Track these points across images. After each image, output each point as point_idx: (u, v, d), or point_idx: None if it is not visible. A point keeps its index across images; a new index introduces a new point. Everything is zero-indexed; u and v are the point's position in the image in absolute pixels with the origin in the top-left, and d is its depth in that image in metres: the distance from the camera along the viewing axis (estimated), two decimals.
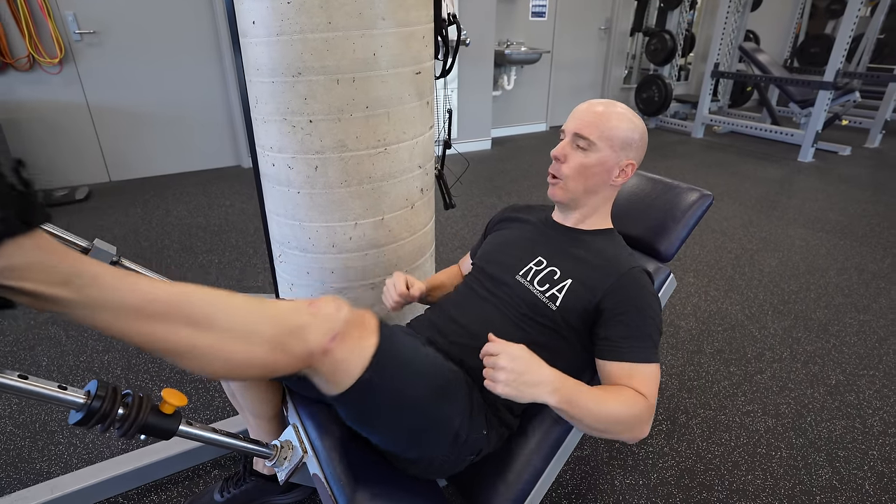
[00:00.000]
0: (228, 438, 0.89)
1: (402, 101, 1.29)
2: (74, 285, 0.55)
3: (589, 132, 0.95)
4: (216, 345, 0.63)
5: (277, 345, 0.66)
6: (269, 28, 1.17)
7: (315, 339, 0.68)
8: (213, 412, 1.51)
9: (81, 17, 3.10)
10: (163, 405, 0.78)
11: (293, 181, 1.32)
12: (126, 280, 0.60)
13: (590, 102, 0.99)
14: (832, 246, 2.64)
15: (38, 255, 0.53)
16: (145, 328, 0.60)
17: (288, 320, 0.68)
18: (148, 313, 0.60)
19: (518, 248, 1.05)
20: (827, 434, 1.44)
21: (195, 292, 0.65)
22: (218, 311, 0.64)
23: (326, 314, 0.70)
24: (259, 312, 0.67)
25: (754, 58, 4.78)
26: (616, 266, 0.94)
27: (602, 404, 0.79)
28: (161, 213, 3.00)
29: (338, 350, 0.70)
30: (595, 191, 0.99)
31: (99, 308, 0.58)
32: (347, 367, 0.72)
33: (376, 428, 0.83)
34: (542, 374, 0.76)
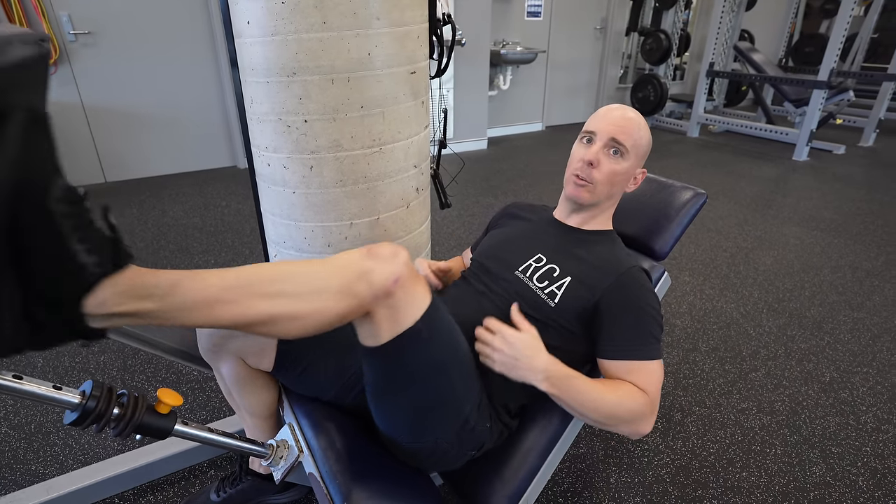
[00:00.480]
0: (224, 438, 0.89)
1: (396, 101, 1.29)
2: (157, 296, 0.60)
3: (625, 140, 0.96)
4: (293, 308, 0.67)
5: (347, 293, 0.68)
6: (263, 28, 1.17)
7: (380, 281, 0.69)
8: (209, 412, 1.51)
9: (76, 18, 3.09)
10: (158, 405, 0.79)
11: (288, 181, 1.32)
12: (197, 279, 0.64)
13: (620, 107, 1.00)
14: (826, 244, 2.66)
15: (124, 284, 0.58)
16: (227, 313, 0.64)
17: (353, 268, 0.70)
18: (225, 300, 0.64)
19: (519, 244, 1.06)
20: (821, 431, 1.44)
21: (260, 269, 0.69)
22: (286, 279, 0.68)
23: (386, 256, 0.72)
24: (323, 269, 0.70)
25: (749, 57, 4.80)
26: (615, 265, 0.94)
27: (596, 396, 0.82)
28: (157, 213, 3.00)
29: (398, 293, 0.71)
30: (613, 196, 1.02)
31: (182, 309, 0.62)
32: (403, 313, 0.73)
33: (399, 393, 0.82)
34: (533, 362, 0.81)
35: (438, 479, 1.13)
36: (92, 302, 0.55)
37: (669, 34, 5.04)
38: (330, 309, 0.68)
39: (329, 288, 0.68)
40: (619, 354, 0.88)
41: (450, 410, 0.84)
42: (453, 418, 0.84)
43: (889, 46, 4.61)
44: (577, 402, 0.82)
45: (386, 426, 0.89)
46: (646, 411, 0.83)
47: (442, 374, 0.81)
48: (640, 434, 0.85)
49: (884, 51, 5.88)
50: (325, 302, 0.68)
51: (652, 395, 0.84)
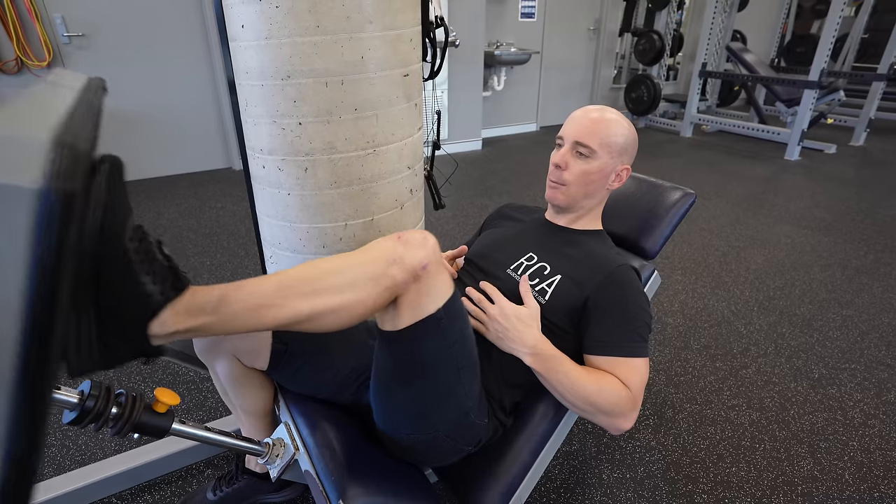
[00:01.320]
0: (221, 436, 0.90)
1: (390, 103, 1.30)
2: (208, 311, 0.65)
3: (590, 140, 0.98)
4: (333, 303, 0.71)
5: (383, 279, 0.72)
6: (257, 32, 1.18)
7: (411, 265, 0.73)
8: (206, 412, 1.52)
9: (70, 20, 3.08)
10: (156, 404, 0.80)
11: (283, 183, 1.34)
12: (242, 289, 0.68)
13: (585, 109, 1.02)
14: (817, 243, 2.69)
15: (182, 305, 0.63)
16: (272, 316, 0.68)
17: (385, 254, 0.73)
18: (269, 304, 0.68)
19: (511, 244, 1.08)
20: (809, 426, 1.47)
21: (298, 271, 0.73)
22: (323, 277, 0.72)
23: (417, 242, 0.75)
24: (357, 260, 0.74)
25: (741, 57, 4.84)
26: (605, 264, 0.96)
27: (579, 379, 0.85)
28: (152, 215, 3.00)
29: (425, 278, 0.75)
30: (592, 195, 1.03)
31: (232, 319, 0.67)
32: (427, 299, 0.76)
33: (405, 384, 0.84)
34: (524, 338, 0.86)
35: (433, 477, 1.14)
36: (155, 324, 0.61)
37: (662, 35, 5.07)
38: (369, 297, 0.72)
39: (365, 278, 0.72)
40: (604, 350, 0.90)
41: (453, 402, 0.86)
42: (455, 411, 0.86)
43: (879, 47, 4.66)
44: (559, 382, 0.85)
45: (386, 419, 0.91)
46: (626, 406, 0.85)
47: (452, 365, 0.83)
48: (619, 429, 0.87)
49: (874, 51, 5.94)
50: (363, 291, 0.72)
51: (634, 391, 0.86)
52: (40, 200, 0.34)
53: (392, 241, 0.75)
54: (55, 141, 0.36)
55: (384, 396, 0.89)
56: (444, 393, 0.85)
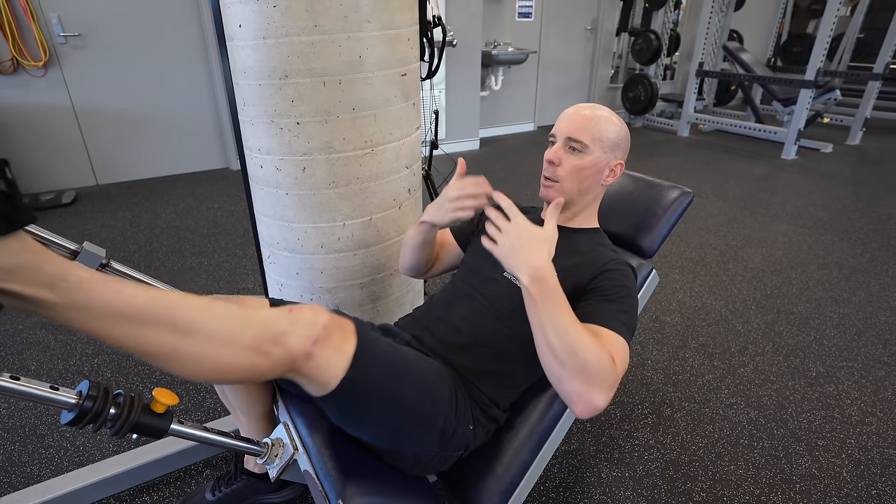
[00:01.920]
0: (220, 437, 0.90)
1: (388, 103, 1.30)
2: (59, 288, 0.57)
3: (582, 135, 0.98)
4: (199, 350, 0.66)
5: (259, 351, 0.69)
6: (255, 31, 1.18)
7: (296, 344, 0.71)
8: (204, 413, 1.52)
9: (66, 20, 3.07)
10: (154, 404, 0.80)
11: (281, 183, 1.33)
12: (110, 285, 0.61)
13: (577, 107, 1.03)
14: (814, 241, 2.70)
15: (24, 257, 0.55)
16: (128, 332, 0.62)
17: (269, 327, 0.71)
18: (131, 318, 0.62)
19: None
20: (807, 424, 1.48)
21: (178, 299, 0.67)
22: (200, 318, 0.66)
23: (306, 320, 0.73)
24: (241, 320, 0.70)
25: (738, 57, 4.85)
26: (600, 259, 0.96)
27: (573, 324, 0.74)
28: (149, 215, 2.99)
29: (319, 354, 0.73)
30: (587, 191, 1.03)
31: (83, 311, 0.59)
32: (330, 369, 0.75)
33: (363, 427, 0.85)
34: (531, 256, 0.77)
35: (433, 476, 1.14)
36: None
37: (659, 34, 5.08)
38: (237, 361, 0.68)
39: (241, 340, 0.68)
40: (589, 319, 0.83)
41: (421, 427, 0.86)
42: (428, 433, 0.86)
43: (875, 46, 4.67)
44: (549, 317, 0.74)
45: (367, 441, 0.91)
46: (608, 377, 0.72)
47: (396, 403, 0.82)
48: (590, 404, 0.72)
49: (869, 50, 5.96)
50: (234, 353, 0.68)
51: (617, 366, 0.76)
52: None
53: (281, 314, 0.73)
54: None
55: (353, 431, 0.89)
56: (405, 427, 0.85)
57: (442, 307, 1.06)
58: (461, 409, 0.91)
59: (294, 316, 0.73)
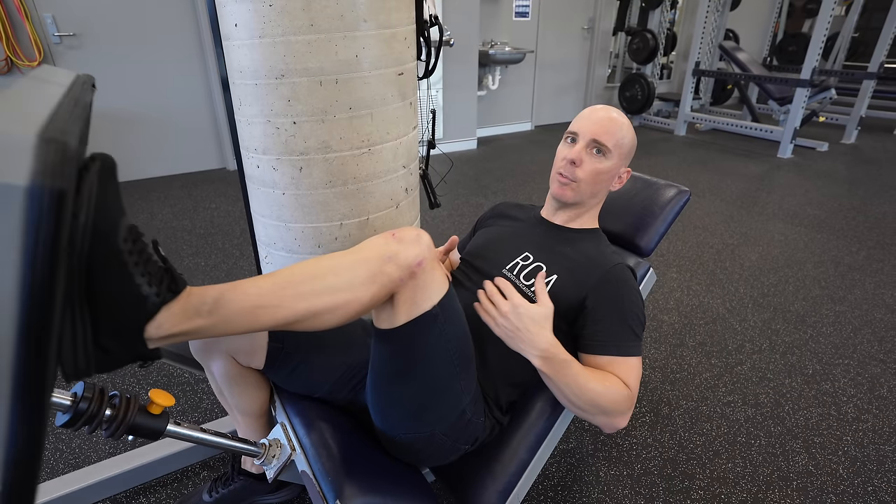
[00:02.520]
0: (217, 438, 0.90)
1: (385, 102, 1.30)
2: (204, 312, 0.64)
3: (607, 140, 0.98)
4: (330, 302, 0.71)
5: (378, 277, 0.72)
6: (251, 31, 1.17)
7: (406, 262, 0.73)
8: (201, 414, 1.51)
9: (60, 20, 3.06)
10: (150, 406, 0.79)
11: (278, 182, 1.33)
12: (238, 290, 0.67)
13: (603, 108, 1.02)
14: (810, 240, 2.71)
15: (178, 307, 0.62)
16: (269, 316, 0.68)
17: (379, 253, 0.73)
18: (266, 305, 0.68)
19: (506, 243, 1.08)
20: (804, 422, 1.48)
21: (293, 270, 0.73)
22: (319, 276, 0.72)
23: (411, 239, 0.75)
24: (352, 259, 0.74)
25: (734, 56, 4.87)
26: (601, 263, 0.97)
27: (587, 384, 0.84)
28: (145, 216, 2.98)
29: (421, 275, 0.75)
30: (598, 195, 1.04)
31: (229, 320, 0.66)
32: (423, 296, 0.77)
33: (401, 383, 0.85)
34: (536, 340, 0.83)
35: (430, 476, 1.14)
36: (151, 327, 0.60)
37: (656, 34, 5.09)
38: (365, 295, 0.72)
39: (361, 276, 0.72)
40: (603, 350, 0.90)
41: (450, 401, 0.85)
42: (452, 409, 0.86)
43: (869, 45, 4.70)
44: (566, 385, 0.84)
45: (383, 418, 0.90)
46: (625, 406, 0.85)
47: (448, 362, 0.83)
48: (614, 427, 0.87)
49: (864, 50, 6.00)
50: (359, 290, 0.72)
51: (633, 389, 0.87)
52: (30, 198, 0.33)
53: (386, 238, 0.75)
54: (42, 137, 0.35)
55: (381, 394, 0.88)
56: (441, 390, 0.85)
57: None
58: (477, 398, 0.91)
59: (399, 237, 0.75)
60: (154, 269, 0.61)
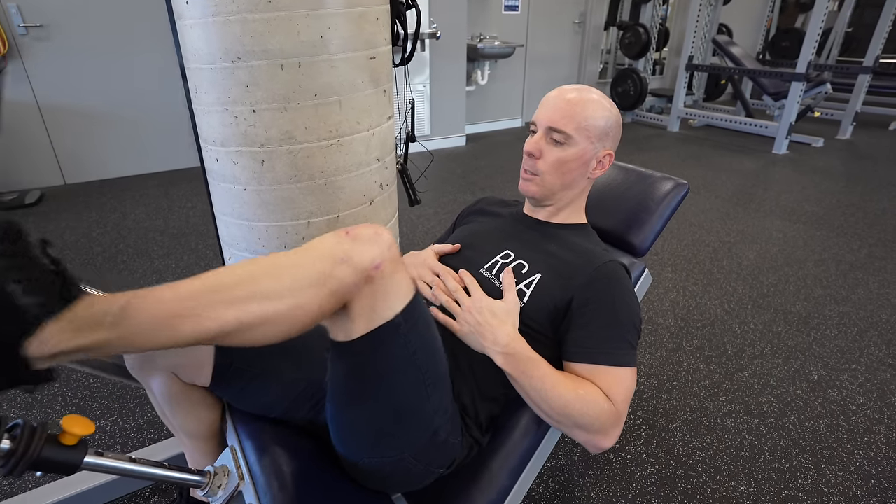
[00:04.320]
0: (149, 468, 0.78)
1: (355, 89, 1.18)
2: (107, 324, 0.53)
3: (564, 125, 0.87)
4: (267, 311, 0.59)
5: (327, 282, 0.60)
6: (203, 8, 1.05)
7: (360, 265, 0.61)
8: (157, 430, 1.38)
9: (26, 10, 2.90)
10: (63, 436, 0.67)
11: (238, 177, 1.21)
12: (150, 296, 0.56)
13: (561, 90, 0.91)
14: (809, 237, 2.62)
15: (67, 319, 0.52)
16: (189, 328, 0.56)
17: (330, 253, 0.61)
18: (184, 314, 0.56)
19: (485, 240, 0.97)
20: (811, 434, 1.38)
21: (224, 272, 0.61)
22: (254, 279, 0.60)
23: (367, 238, 0.63)
24: (297, 260, 0.62)
25: (728, 51, 4.79)
26: (590, 260, 0.86)
27: (556, 388, 0.74)
28: (117, 216, 2.84)
29: (380, 280, 0.63)
30: (572, 185, 0.92)
31: (138, 333, 0.55)
32: (383, 303, 0.65)
33: (363, 401, 0.74)
34: (496, 334, 0.77)
35: (403, 501, 1.03)
36: (34, 343, 0.50)
37: (648, 28, 5.00)
38: (311, 303, 0.60)
39: (307, 280, 0.60)
40: (586, 357, 0.79)
41: (420, 420, 0.74)
42: (422, 431, 0.75)
43: (863, 41, 4.64)
44: (532, 388, 0.76)
45: (345, 441, 0.79)
46: (607, 422, 0.74)
47: (415, 378, 0.72)
48: (598, 447, 0.77)
49: (857, 45, 5.94)
50: (304, 296, 0.60)
51: (618, 405, 0.76)
52: None
53: (339, 236, 0.63)
54: None
55: (341, 416, 0.77)
56: (410, 410, 0.74)
57: None
58: (453, 416, 0.80)
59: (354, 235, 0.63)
60: (38, 274, 0.51)
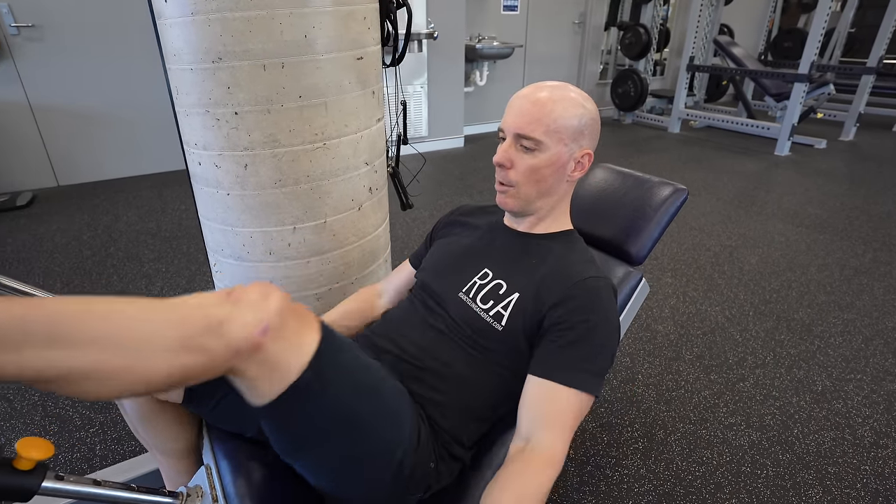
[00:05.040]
0: (115, 491, 0.73)
1: (341, 90, 1.14)
2: None
3: (532, 130, 0.79)
4: (106, 362, 0.50)
5: (190, 347, 0.52)
6: (182, 6, 1.02)
7: (239, 334, 0.53)
8: (137, 444, 1.34)
9: (17, 9, 2.87)
10: (17, 461, 0.63)
11: (222, 182, 1.17)
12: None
13: (529, 88, 0.83)
14: (812, 241, 2.57)
15: None
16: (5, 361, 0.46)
17: (203, 315, 0.53)
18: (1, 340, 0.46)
19: (462, 259, 0.92)
20: (815, 448, 1.33)
21: (69, 304, 0.51)
22: (100, 322, 0.51)
23: (251, 302, 0.56)
24: (161, 313, 0.53)
25: (729, 51, 4.74)
26: (567, 275, 0.80)
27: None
28: (109, 218, 2.80)
29: (270, 345, 0.55)
30: (550, 192, 0.86)
31: None
32: (282, 367, 0.58)
33: (307, 452, 0.68)
34: None
35: None
36: None
37: (649, 28, 4.96)
38: (161, 366, 0.51)
39: (164, 339, 0.51)
40: (545, 373, 0.74)
41: (376, 459, 0.69)
42: (382, 466, 0.70)
43: (866, 41, 4.59)
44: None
45: (310, 477, 0.74)
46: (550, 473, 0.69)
47: (352, 424, 0.66)
48: None
49: (860, 46, 5.89)
50: (156, 357, 0.51)
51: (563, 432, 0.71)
52: None
53: (218, 298, 0.56)
54: None
55: (291, 461, 0.71)
56: (357, 455, 0.69)
57: (398, 328, 0.90)
58: (423, 443, 0.75)
59: (235, 298, 0.56)
60: None
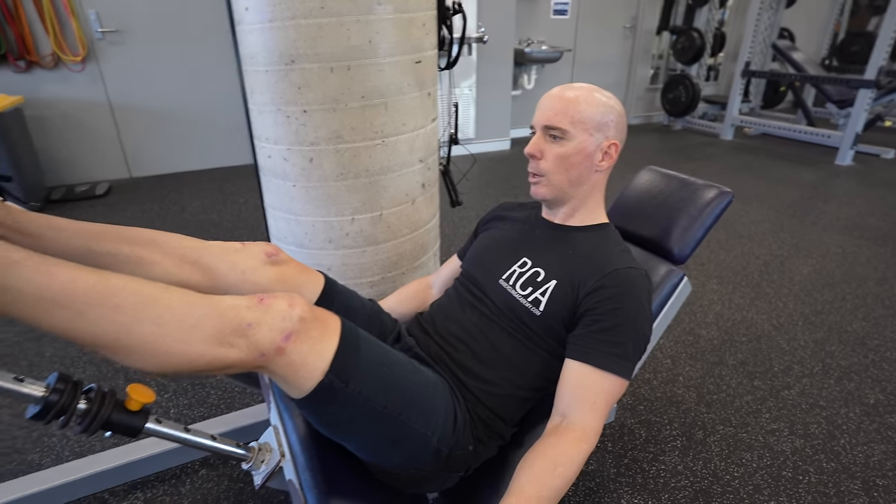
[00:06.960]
0: (202, 439, 0.84)
1: (400, 92, 1.23)
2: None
3: (559, 121, 0.87)
4: (148, 340, 0.59)
5: (222, 342, 0.62)
6: (261, 14, 1.13)
7: (266, 338, 0.63)
8: (207, 409, 1.48)
9: (103, 16, 3.15)
10: (128, 401, 0.74)
11: (288, 174, 1.28)
12: (43, 266, 0.55)
13: (559, 87, 0.92)
14: (872, 254, 2.47)
15: None
16: (63, 323, 0.56)
17: (234, 317, 0.63)
18: (67, 305, 0.55)
19: (503, 249, 0.98)
20: (863, 459, 1.30)
21: (125, 284, 0.60)
22: (149, 306, 0.60)
23: (279, 311, 0.65)
24: (200, 307, 0.62)
25: (789, 56, 4.57)
26: (601, 264, 0.85)
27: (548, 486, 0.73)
28: (177, 209, 3.03)
29: (293, 350, 0.65)
30: (580, 181, 0.91)
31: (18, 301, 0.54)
32: (305, 370, 0.67)
33: (345, 437, 0.77)
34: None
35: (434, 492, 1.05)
36: None
37: (703, 33, 4.84)
38: (197, 353, 0.61)
39: (202, 329, 0.61)
40: (580, 354, 0.79)
41: (411, 444, 0.77)
42: (419, 449, 0.77)
43: None
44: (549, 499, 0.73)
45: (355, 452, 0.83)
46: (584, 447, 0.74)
47: (381, 417, 0.73)
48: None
49: None
50: (193, 343, 0.60)
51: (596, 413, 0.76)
52: None
53: (249, 302, 0.65)
54: None
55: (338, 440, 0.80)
56: (393, 440, 0.76)
57: (445, 314, 0.97)
58: (459, 428, 0.81)
59: (265, 305, 0.65)
60: None
